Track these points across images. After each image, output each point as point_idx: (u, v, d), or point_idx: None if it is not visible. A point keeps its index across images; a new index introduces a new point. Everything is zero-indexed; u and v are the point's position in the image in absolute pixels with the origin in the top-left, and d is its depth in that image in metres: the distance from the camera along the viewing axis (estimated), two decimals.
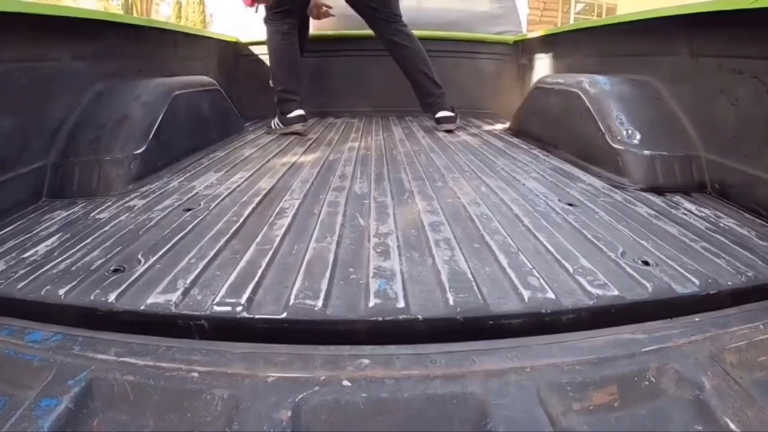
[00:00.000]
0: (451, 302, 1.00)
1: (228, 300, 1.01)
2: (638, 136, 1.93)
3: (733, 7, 1.64)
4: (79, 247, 1.29)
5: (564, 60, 3.27)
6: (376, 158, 2.36)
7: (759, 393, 0.76)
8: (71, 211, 1.57)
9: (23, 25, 1.61)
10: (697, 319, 0.94)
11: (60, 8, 1.78)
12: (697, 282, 1.09)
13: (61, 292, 1.05)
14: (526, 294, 1.02)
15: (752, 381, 0.78)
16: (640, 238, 1.33)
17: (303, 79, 3.39)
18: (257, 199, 1.67)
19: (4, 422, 0.69)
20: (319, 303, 1.00)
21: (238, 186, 1.86)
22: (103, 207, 1.61)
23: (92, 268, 1.16)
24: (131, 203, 1.65)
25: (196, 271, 1.13)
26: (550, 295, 1.03)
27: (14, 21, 1.55)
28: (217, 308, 0.98)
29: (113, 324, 0.94)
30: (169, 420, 0.72)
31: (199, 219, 1.48)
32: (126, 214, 1.53)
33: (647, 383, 0.78)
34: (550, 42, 3.50)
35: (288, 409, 0.71)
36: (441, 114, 3.28)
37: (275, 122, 3.20)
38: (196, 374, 0.77)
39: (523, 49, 3.96)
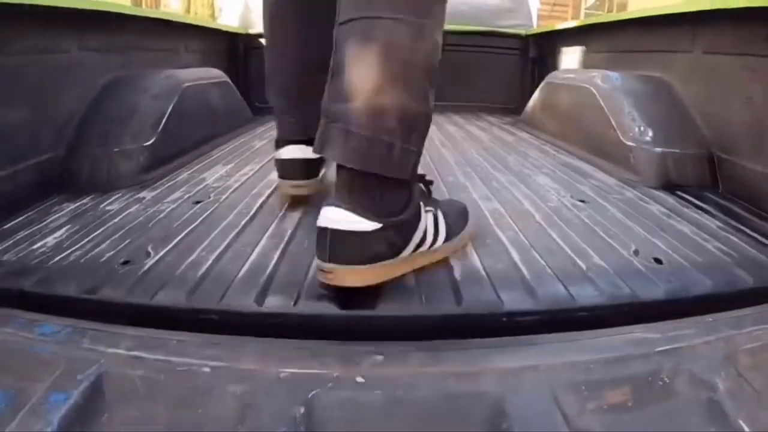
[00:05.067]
0: (464, 298, 0.99)
1: (239, 294, 1.00)
2: (650, 133, 1.92)
3: (747, 4, 1.63)
4: (88, 239, 1.28)
5: (575, 55, 3.25)
6: None
7: None
8: (80, 203, 1.57)
9: (32, 16, 1.60)
10: (710, 320, 0.93)
11: (69, 0, 1.78)
12: (710, 282, 1.09)
13: (71, 284, 1.04)
14: (539, 291, 1.02)
15: (766, 383, 0.77)
16: (652, 236, 1.32)
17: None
18: (268, 192, 1.67)
19: (13, 416, 0.68)
20: (332, 297, 0.99)
21: (248, 178, 1.86)
22: (112, 199, 1.60)
23: (102, 260, 1.16)
24: (140, 195, 1.64)
25: (207, 264, 1.12)
26: (564, 292, 1.02)
27: (23, 13, 1.54)
28: (228, 302, 0.98)
29: (123, 317, 0.94)
30: (180, 415, 0.71)
31: (209, 211, 1.47)
32: (135, 207, 1.53)
33: (661, 383, 0.77)
34: (561, 37, 3.49)
35: (301, 406, 0.70)
36: None
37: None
38: (207, 369, 0.77)
39: (535, 44, 3.94)
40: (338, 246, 0.97)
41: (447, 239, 1.16)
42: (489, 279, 1.07)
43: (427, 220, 1.11)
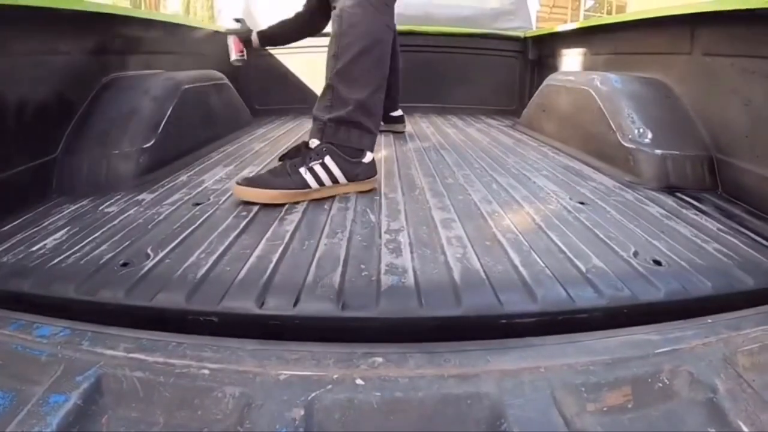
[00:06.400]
0: (463, 300, 0.99)
1: (238, 296, 1.00)
2: (649, 135, 1.92)
3: (746, 7, 1.63)
4: (87, 241, 1.28)
5: (575, 57, 3.26)
6: (385, 154, 2.35)
7: None
8: (79, 204, 1.57)
9: (32, 18, 1.60)
10: (709, 321, 0.93)
11: (69, 2, 1.78)
12: (709, 283, 1.09)
13: (70, 286, 1.04)
14: (539, 293, 1.02)
15: (765, 384, 0.77)
16: (651, 238, 1.32)
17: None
18: None
19: (12, 418, 0.68)
20: (331, 299, 0.99)
21: None
22: (111, 201, 1.60)
23: (101, 262, 1.16)
24: (140, 197, 1.64)
25: (206, 266, 1.12)
26: (563, 294, 1.02)
27: (23, 14, 1.54)
28: (227, 304, 0.98)
29: (122, 319, 0.94)
30: (180, 417, 0.71)
31: (208, 213, 1.47)
32: (134, 209, 1.53)
33: (661, 385, 0.78)
34: (560, 39, 3.49)
35: (301, 408, 0.70)
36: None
37: (321, 168, 1.67)
38: (206, 371, 0.77)
39: (534, 46, 3.94)
40: None
41: None
42: (488, 281, 1.07)
43: None
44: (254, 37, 2.87)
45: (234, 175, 1.94)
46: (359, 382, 0.75)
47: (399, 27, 3.85)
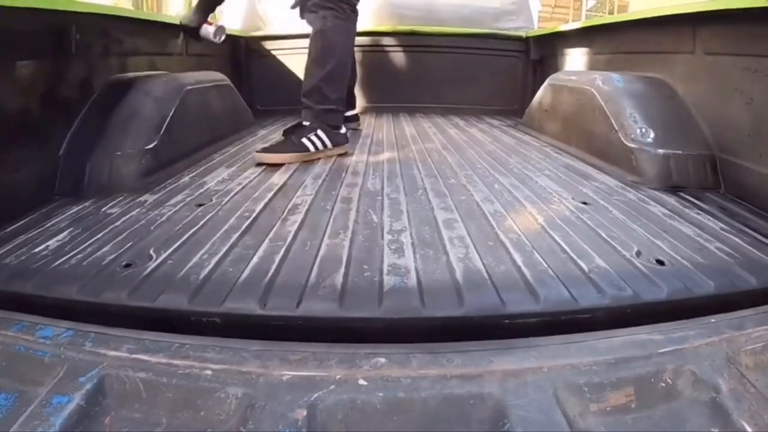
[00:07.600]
0: (466, 301, 0.99)
1: (241, 296, 1.00)
2: (652, 135, 1.92)
3: (748, 5, 1.63)
4: (90, 242, 1.28)
5: (577, 57, 3.26)
6: (387, 155, 2.35)
7: None
8: (82, 206, 1.57)
9: (34, 19, 1.60)
10: (713, 321, 0.93)
11: (71, 3, 1.78)
12: (712, 283, 1.09)
13: (73, 287, 1.04)
14: (541, 293, 1.02)
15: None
16: (654, 238, 1.32)
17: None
18: (269, 195, 1.67)
19: (15, 419, 0.68)
20: (334, 300, 0.99)
21: (250, 181, 1.86)
22: (114, 202, 1.60)
23: (104, 263, 1.16)
24: (142, 198, 1.64)
25: (209, 267, 1.12)
26: (566, 294, 1.02)
27: (25, 15, 1.54)
28: (230, 305, 0.98)
29: (125, 320, 0.94)
30: (182, 418, 0.71)
31: (210, 214, 1.47)
32: (137, 210, 1.53)
33: (664, 384, 0.77)
34: (562, 38, 3.49)
35: (303, 409, 0.70)
36: None
37: (316, 137, 2.31)
38: (209, 372, 0.76)
39: (536, 45, 3.94)
40: None
41: None
42: (491, 281, 1.07)
43: None
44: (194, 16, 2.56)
45: (236, 176, 1.95)
46: (362, 382, 0.75)
47: (401, 27, 3.88)
